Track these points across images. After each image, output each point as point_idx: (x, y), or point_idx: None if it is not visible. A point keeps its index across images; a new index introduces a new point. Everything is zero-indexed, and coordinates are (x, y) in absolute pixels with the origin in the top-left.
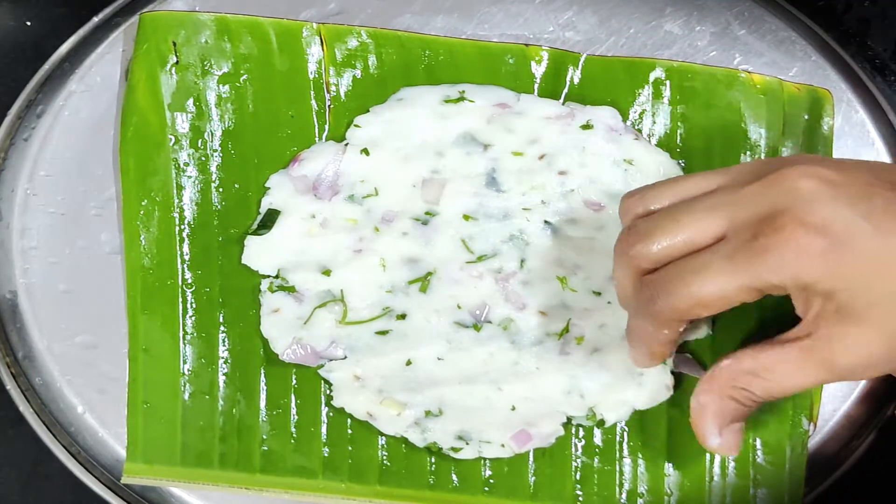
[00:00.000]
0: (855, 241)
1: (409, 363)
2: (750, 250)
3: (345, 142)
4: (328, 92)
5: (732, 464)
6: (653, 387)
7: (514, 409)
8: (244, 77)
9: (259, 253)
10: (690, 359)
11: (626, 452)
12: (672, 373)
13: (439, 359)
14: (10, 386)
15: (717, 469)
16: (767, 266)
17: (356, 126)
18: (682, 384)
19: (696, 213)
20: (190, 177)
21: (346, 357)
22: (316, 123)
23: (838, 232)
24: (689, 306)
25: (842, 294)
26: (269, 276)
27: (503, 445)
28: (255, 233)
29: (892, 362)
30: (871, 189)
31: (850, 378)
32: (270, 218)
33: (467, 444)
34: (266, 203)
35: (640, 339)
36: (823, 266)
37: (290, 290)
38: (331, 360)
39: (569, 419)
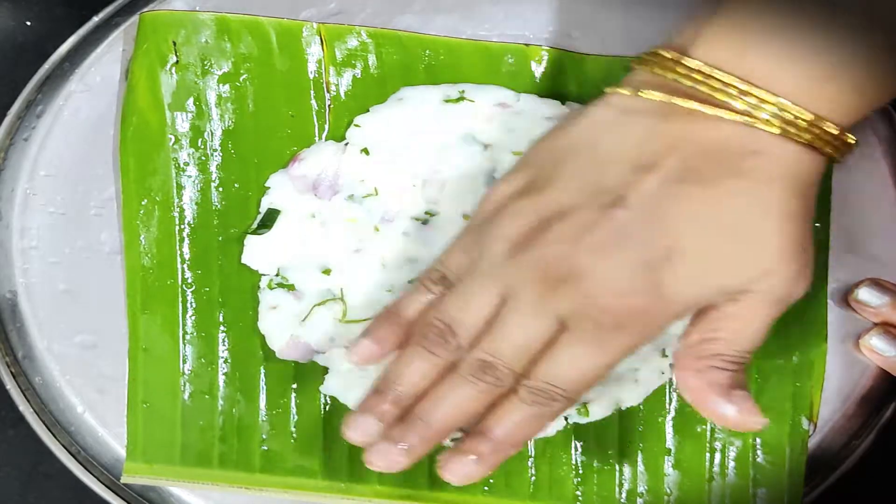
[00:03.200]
0: (659, 278)
1: None
2: (603, 333)
3: (345, 141)
4: (328, 92)
5: (732, 464)
6: (648, 383)
7: None
8: (244, 77)
9: (259, 252)
10: None
11: (625, 452)
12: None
13: None
14: (10, 386)
15: (717, 469)
16: (629, 337)
17: (356, 126)
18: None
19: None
20: (190, 176)
21: (347, 347)
22: (316, 123)
23: (643, 281)
24: (585, 390)
25: (702, 297)
26: (268, 275)
27: None
28: (255, 232)
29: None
30: (608, 222)
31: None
32: (270, 217)
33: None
34: (266, 203)
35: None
36: (663, 306)
37: (290, 287)
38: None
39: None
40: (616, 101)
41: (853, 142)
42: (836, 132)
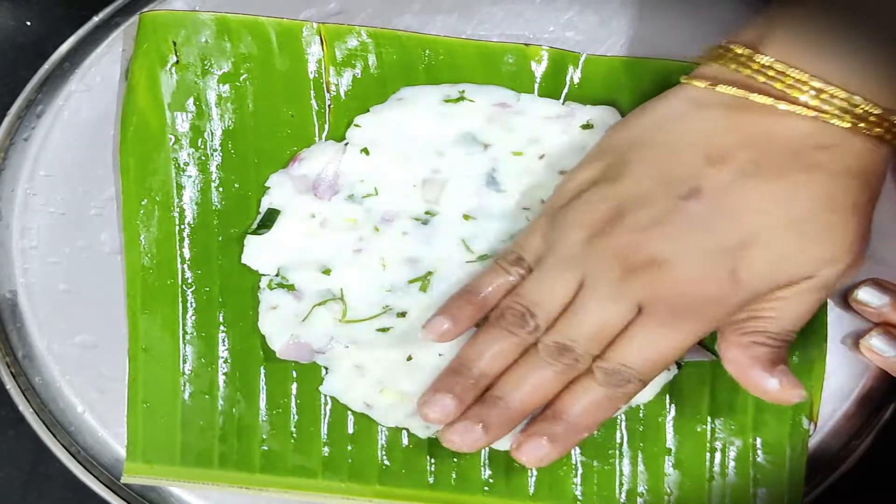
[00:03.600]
0: (735, 267)
1: (409, 359)
2: (677, 318)
3: (345, 141)
4: (328, 92)
5: (732, 464)
6: (657, 381)
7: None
8: (244, 77)
9: (259, 252)
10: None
11: (625, 452)
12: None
13: (440, 354)
14: (10, 385)
15: (717, 469)
16: (701, 322)
17: (356, 126)
18: (679, 370)
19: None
20: (190, 176)
21: (347, 347)
22: (316, 123)
23: (718, 271)
24: (656, 374)
25: (774, 283)
26: (268, 275)
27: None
28: (255, 232)
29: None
30: (682, 215)
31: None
32: (270, 217)
33: None
34: (266, 203)
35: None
36: (735, 294)
37: (290, 287)
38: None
39: None
40: (690, 94)
41: None
42: None
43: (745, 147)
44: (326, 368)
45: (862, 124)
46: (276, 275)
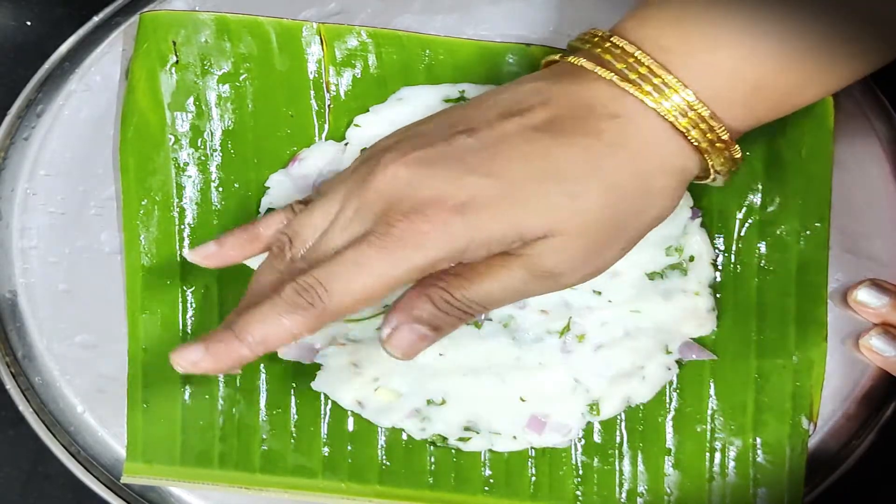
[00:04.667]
0: (473, 195)
1: None
2: (394, 240)
3: (345, 141)
4: (328, 91)
5: (732, 464)
6: (655, 381)
7: (523, 400)
8: (244, 77)
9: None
10: (694, 343)
11: (626, 452)
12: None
13: (440, 354)
14: (10, 385)
15: (717, 469)
16: (417, 251)
17: (356, 126)
18: (679, 370)
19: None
20: (190, 176)
21: (345, 345)
22: (316, 123)
23: (455, 196)
24: (353, 302)
25: (505, 231)
26: None
27: (515, 437)
28: None
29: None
30: (446, 145)
31: (558, 284)
32: None
33: (477, 433)
34: (266, 203)
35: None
36: (465, 229)
37: None
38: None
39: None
40: (543, 70)
41: (738, 157)
42: (725, 137)
43: (544, 106)
44: (321, 365)
45: (682, 119)
46: None
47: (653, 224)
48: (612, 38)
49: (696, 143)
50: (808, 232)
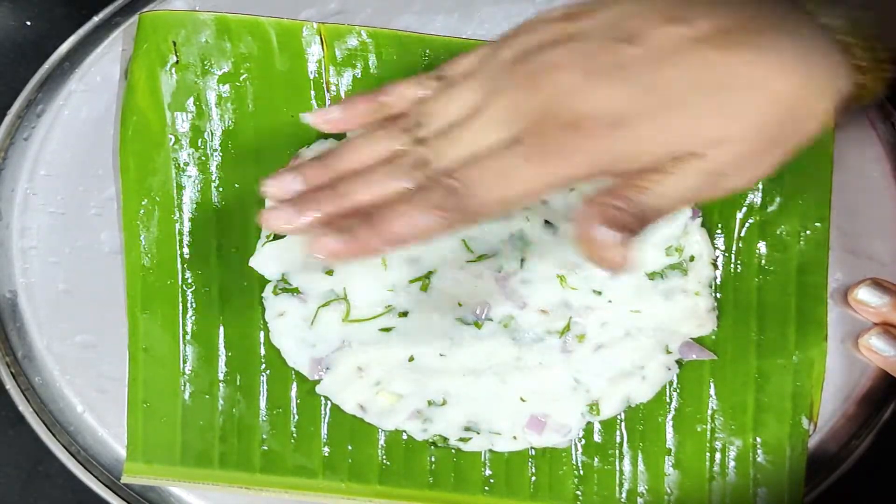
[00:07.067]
0: (632, 109)
1: (411, 359)
2: (545, 153)
3: (345, 140)
4: (328, 91)
5: (732, 464)
6: (655, 380)
7: (523, 400)
8: (244, 77)
9: (268, 256)
10: (694, 343)
11: (625, 452)
12: (677, 362)
13: (441, 355)
14: (10, 385)
15: (717, 469)
16: (567, 165)
17: None
18: (679, 370)
19: (478, 124)
20: (190, 176)
21: (350, 347)
22: None
23: (615, 111)
24: (493, 210)
25: (655, 148)
26: (271, 281)
27: (515, 437)
28: (276, 237)
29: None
30: (610, 54)
31: (727, 185)
32: None
33: (477, 433)
34: (269, 204)
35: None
36: (619, 144)
37: (294, 291)
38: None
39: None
40: None
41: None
42: (885, 57)
43: (708, 14)
44: (327, 368)
45: (851, 39)
46: (280, 279)
47: (808, 141)
48: None
49: (859, 63)
50: (808, 232)
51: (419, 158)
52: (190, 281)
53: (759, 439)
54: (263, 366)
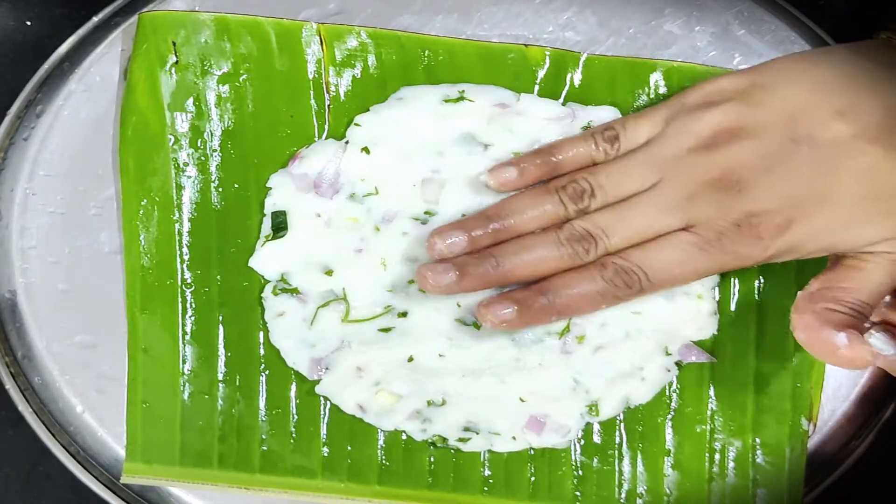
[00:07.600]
0: (801, 214)
1: (410, 360)
2: (721, 248)
3: (345, 140)
4: (328, 92)
5: (732, 464)
6: (654, 382)
7: (522, 400)
8: (244, 77)
9: (268, 256)
10: (693, 346)
11: (625, 452)
12: (676, 363)
13: (440, 355)
14: (10, 385)
15: (716, 469)
16: (738, 259)
17: (356, 125)
18: (679, 371)
19: (648, 213)
20: (190, 177)
21: (350, 347)
22: (315, 123)
23: (785, 214)
24: (663, 289)
25: (814, 251)
26: (270, 281)
27: (514, 438)
28: (274, 237)
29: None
30: (785, 156)
31: None
32: (282, 221)
33: (477, 434)
34: (270, 204)
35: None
36: (784, 243)
37: (294, 291)
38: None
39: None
40: (864, 42)
41: None
42: None
43: (876, 110)
44: (327, 368)
45: None
46: (280, 280)
47: None
48: None
49: None
50: None
51: (587, 232)
52: (189, 281)
53: (758, 440)
54: (263, 366)
